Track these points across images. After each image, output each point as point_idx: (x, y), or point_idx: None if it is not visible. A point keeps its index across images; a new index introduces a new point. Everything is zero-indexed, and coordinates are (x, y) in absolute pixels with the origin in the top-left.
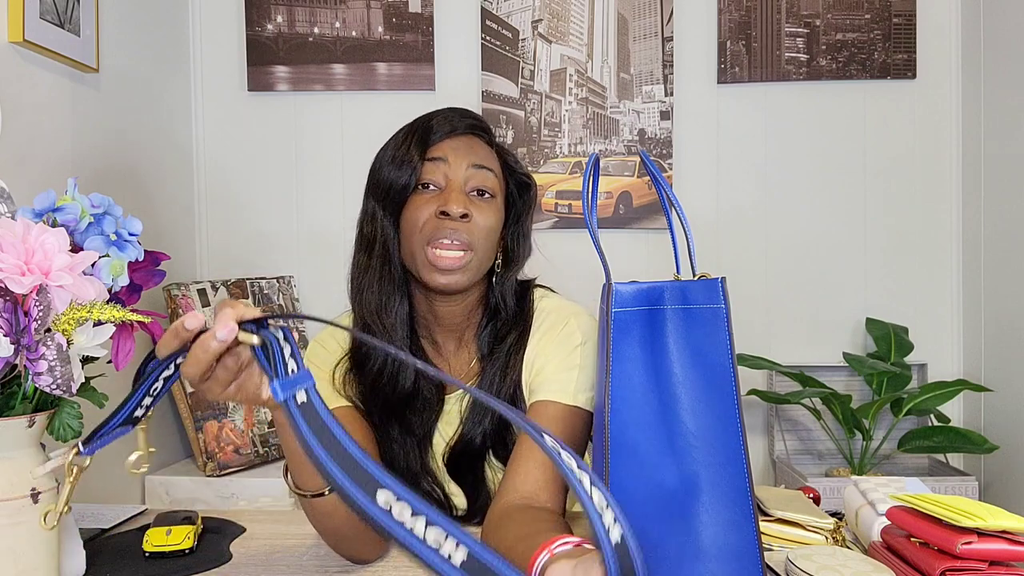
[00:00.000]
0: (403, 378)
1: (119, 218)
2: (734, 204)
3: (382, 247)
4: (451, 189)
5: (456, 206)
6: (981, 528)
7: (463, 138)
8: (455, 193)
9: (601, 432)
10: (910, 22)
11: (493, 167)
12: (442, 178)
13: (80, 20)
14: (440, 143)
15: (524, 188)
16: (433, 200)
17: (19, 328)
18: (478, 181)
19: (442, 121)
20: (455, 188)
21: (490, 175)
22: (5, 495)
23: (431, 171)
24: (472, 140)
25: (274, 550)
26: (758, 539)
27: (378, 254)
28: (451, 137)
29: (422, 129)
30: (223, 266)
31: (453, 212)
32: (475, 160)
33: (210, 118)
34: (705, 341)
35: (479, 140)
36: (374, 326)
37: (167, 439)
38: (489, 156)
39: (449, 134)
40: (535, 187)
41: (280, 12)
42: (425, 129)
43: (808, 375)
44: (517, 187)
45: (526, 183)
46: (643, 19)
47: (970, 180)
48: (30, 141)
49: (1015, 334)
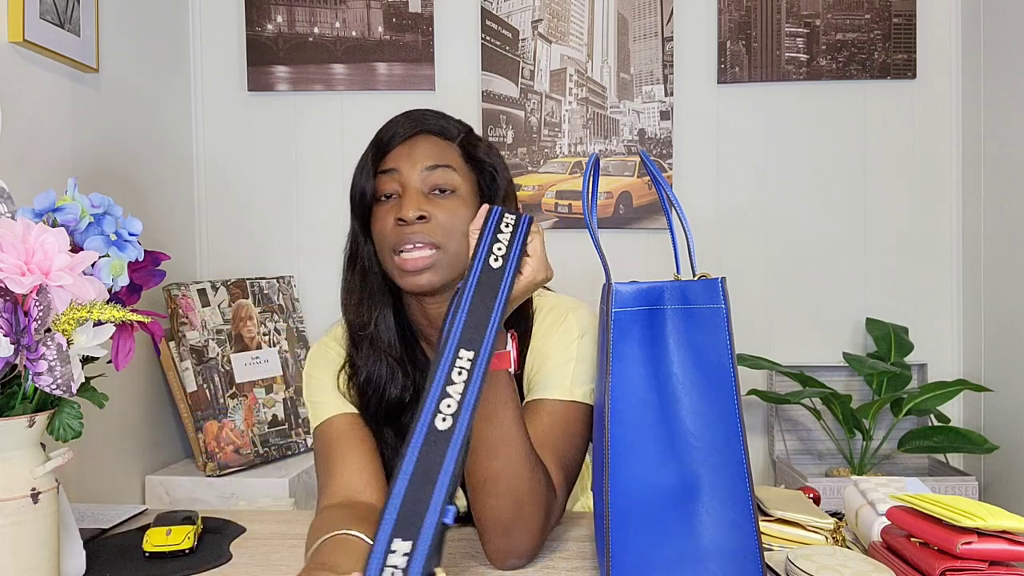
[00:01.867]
0: (392, 387)
1: (119, 218)
2: (734, 204)
3: (361, 260)
4: (406, 195)
5: (410, 211)
6: (981, 528)
7: (415, 140)
8: (409, 198)
9: (601, 432)
10: (910, 22)
11: (451, 162)
12: (398, 186)
13: (80, 20)
14: (391, 153)
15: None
16: (392, 209)
17: (19, 328)
18: (434, 180)
19: (392, 130)
20: (410, 193)
21: (447, 172)
22: (5, 495)
23: (386, 182)
24: (425, 140)
25: (274, 550)
26: (758, 539)
27: (359, 269)
28: (402, 144)
29: (376, 140)
30: (223, 266)
31: (408, 217)
32: (427, 162)
33: (210, 118)
34: (705, 341)
35: (433, 138)
36: (358, 338)
37: (167, 439)
38: (445, 152)
39: (401, 141)
40: (503, 172)
41: (280, 12)
42: (377, 141)
43: (808, 375)
44: (486, 179)
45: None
46: (643, 19)
47: (970, 180)
48: (30, 141)
49: (1015, 334)
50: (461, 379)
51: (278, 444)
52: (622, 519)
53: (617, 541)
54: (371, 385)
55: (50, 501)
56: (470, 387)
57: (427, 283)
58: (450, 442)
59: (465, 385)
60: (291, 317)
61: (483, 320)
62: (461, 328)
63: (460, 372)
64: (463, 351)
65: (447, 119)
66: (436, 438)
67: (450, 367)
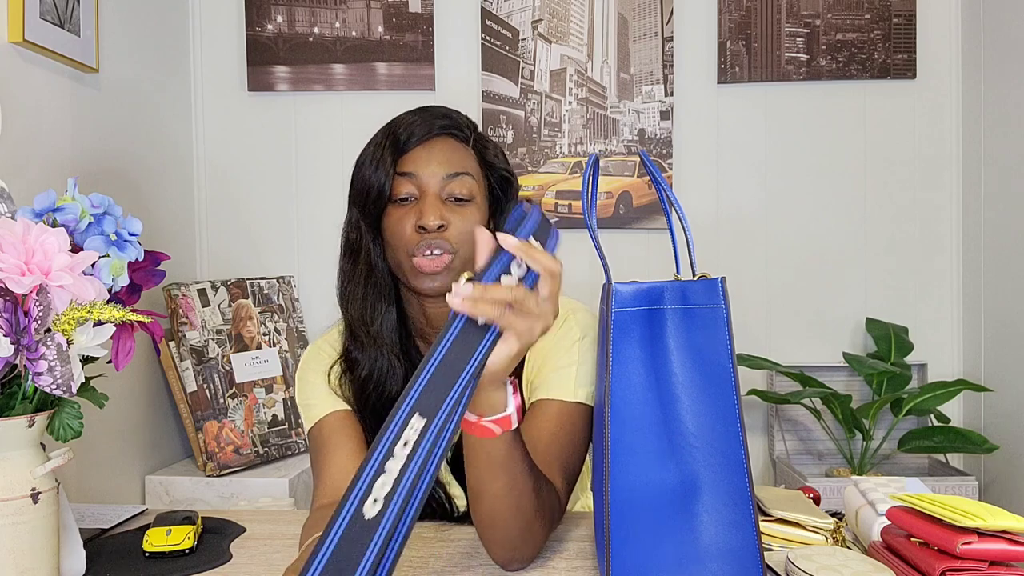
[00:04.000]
0: (392, 383)
1: (119, 218)
2: (734, 204)
3: (366, 254)
4: (425, 200)
5: (432, 219)
6: (981, 528)
7: (434, 143)
8: (429, 207)
9: (601, 432)
10: (910, 22)
11: (470, 169)
12: (415, 190)
13: (80, 20)
14: (411, 153)
15: (506, 183)
16: (411, 212)
17: (19, 328)
18: (453, 188)
19: (411, 128)
20: (430, 201)
21: (467, 179)
22: (5, 495)
23: (404, 184)
24: (444, 143)
25: (274, 550)
26: (758, 539)
27: (363, 261)
28: (421, 144)
29: (393, 137)
30: (223, 266)
31: (430, 226)
32: (448, 170)
33: (210, 118)
34: (705, 341)
35: (451, 141)
36: (360, 332)
37: (167, 439)
38: (465, 158)
39: (419, 141)
40: (516, 182)
41: (280, 12)
42: (394, 139)
43: (808, 375)
44: (499, 183)
45: (507, 178)
46: (643, 19)
47: (970, 180)
48: (30, 141)
49: (1015, 334)
50: (404, 453)
51: (278, 444)
52: (622, 519)
53: (617, 541)
54: (372, 380)
55: (50, 501)
56: (411, 464)
57: (441, 286)
58: (373, 534)
59: (407, 461)
60: (291, 317)
61: (447, 383)
62: (420, 391)
63: (405, 444)
64: (415, 418)
65: (459, 116)
66: (360, 527)
67: (395, 436)
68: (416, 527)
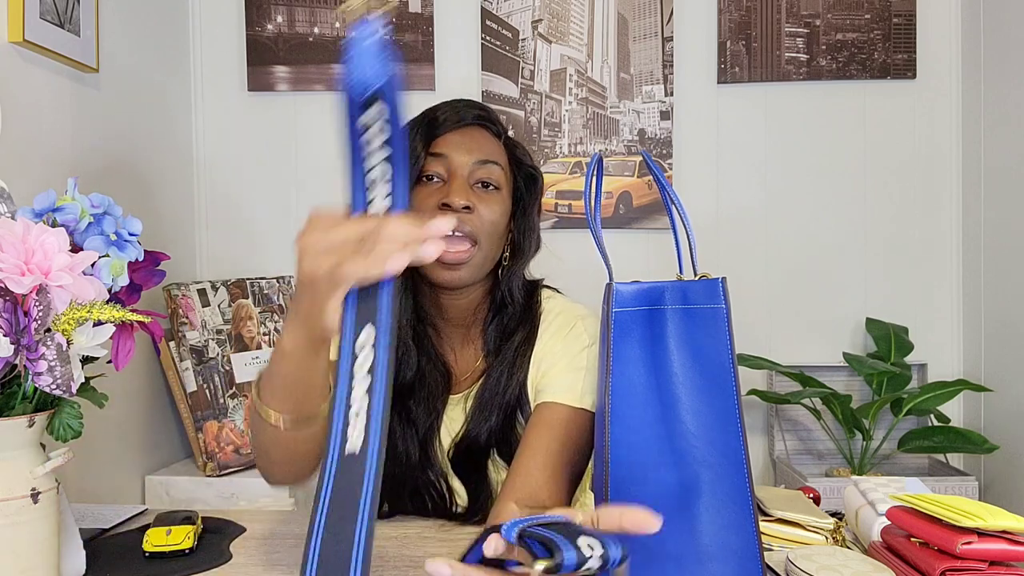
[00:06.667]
0: (406, 369)
1: (119, 218)
2: (734, 204)
3: None
4: (454, 181)
5: (458, 198)
6: (981, 528)
7: (468, 130)
8: (458, 186)
9: (601, 432)
10: (910, 22)
11: (499, 160)
12: (445, 170)
13: (80, 20)
14: (444, 136)
15: (531, 180)
16: (436, 192)
17: (19, 328)
18: (482, 175)
19: (447, 113)
20: (458, 180)
21: (495, 168)
22: (5, 495)
23: (433, 164)
24: (477, 132)
25: (274, 550)
26: (758, 539)
27: None
28: (455, 130)
29: (427, 121)
30: (223, 266)
31: (455, 204)
32: (480, 156)
33: (210, 118)
34: (705, 341)
35: (485, 132)
36: None
37: (167, 439)
38: (495, 149)
39: (454, 127)
40: (542, 180)
41: (280, 12)
42: (430, 121)
43: (808, 375)
44: (524, 179)
45: (533, 175)
46: (643, 19)
47: (970, 180)
48: (30, 141)
49: (1015, 334)
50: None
51: None
52: None
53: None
54: None
55: (50, 501)
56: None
57: (460, 279)
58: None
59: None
60: None
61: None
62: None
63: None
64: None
65: (494, 113)
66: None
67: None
68: (416, 526)
